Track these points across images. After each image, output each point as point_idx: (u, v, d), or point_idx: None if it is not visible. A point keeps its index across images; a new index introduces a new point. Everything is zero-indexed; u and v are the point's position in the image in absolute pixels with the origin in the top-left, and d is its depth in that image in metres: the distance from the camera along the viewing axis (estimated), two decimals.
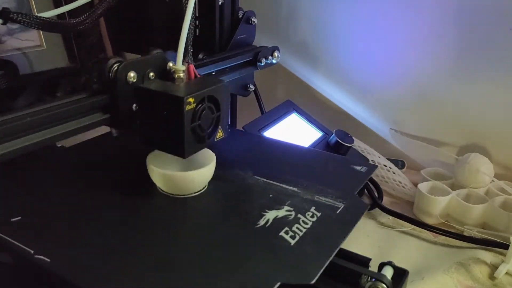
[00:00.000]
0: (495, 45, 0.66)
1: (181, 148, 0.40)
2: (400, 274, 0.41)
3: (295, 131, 0.68)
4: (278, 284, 0.32)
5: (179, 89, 0.40)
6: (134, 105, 0.42)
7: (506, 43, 0.65)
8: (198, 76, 0.43)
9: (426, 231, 0.61)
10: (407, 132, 0.78)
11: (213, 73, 0.55)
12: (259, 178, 0.47)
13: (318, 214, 0.41)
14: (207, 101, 0.41)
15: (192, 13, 0.41)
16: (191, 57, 0.44)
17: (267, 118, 0.67)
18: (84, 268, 0.34)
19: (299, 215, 0.41)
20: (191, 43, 0.43)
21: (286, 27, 0.83)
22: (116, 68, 0.40)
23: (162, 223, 0.40)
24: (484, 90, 0.69)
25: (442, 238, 0.59)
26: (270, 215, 0.41)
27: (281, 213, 0.41)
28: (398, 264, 0.41)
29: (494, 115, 0.70)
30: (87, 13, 0.44)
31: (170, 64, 0.43)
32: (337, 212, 0.42)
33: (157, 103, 0.40)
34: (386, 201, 0.68)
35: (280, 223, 0.40)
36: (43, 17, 0.41)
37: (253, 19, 0.63)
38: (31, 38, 0.55)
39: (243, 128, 0.63)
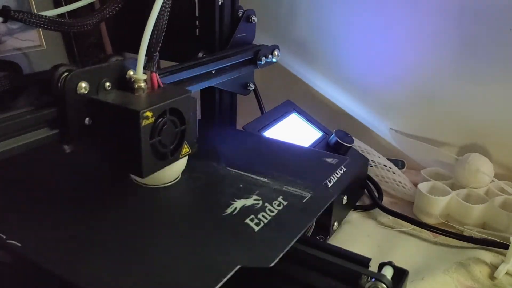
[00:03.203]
0: (495, 45, 0.66)
1: (139, 167, 0.36)
2: (400, 274, 0.41)
3: (295, 131, 0.68)
4: (238, 267, 0.33)
5: (137, 102, 0.37)
6: (87, 118, 0.38)
7: (506, 43, 0.65)
8: (161, 85, 0.40)
9: (426, 231, 0.61)
10: (407, 132, 0.78)
11: (213, 72, 0.55)
12: (232, 169, 0.49)
13: (285, 203, 0.42)
14: (169, 114, 0.37)
15: (161, 14, 0.38)
16: (155, 64, 0.39)
17: (267, 118, 0.67)
18: (54, 252, 0.35)
19: (266, 204, 0.42)
20: (158, 48, 0.39)
21: (286, 26, 0.83)
22: (64, 78, 0.35)
23: (133, 212, 0.41)
24: (484, 90, 0.69)
25: (442, 238, 0.59)
26: (238, 203, 0.42)
27: (249, 202, 0.42)
28: (398, 264, 0.41)
29: (494, 115, 0.70)
30: (91, 14, 0.44)
31: (131, 72, 0.39)
32: (303, 201, 0.43)
33: (112, 117, 0.37)
34: (386, 201, 0.68)
35: (247, 211, 0.41)
36: (44, 16, 0.41)
37: (253, 17, 0.64)
38: (31, 38, 0.55)
39: (243, 128, 0.63)
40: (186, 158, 0.45)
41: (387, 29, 0.74)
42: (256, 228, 0.38)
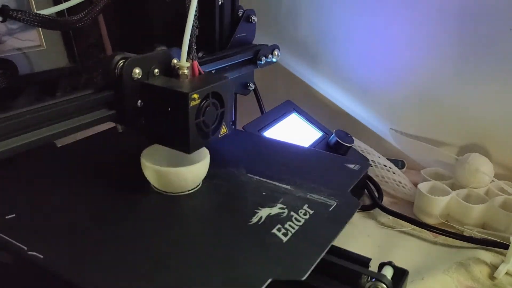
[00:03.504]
0: (495, 45, 0.66)
1: (186, 144, 0.41)
2: (400, 274, 0.41)
3: (295, 131, 0.68)
4: (270, 280, 0.32)
5: (183, 85, 0.41)
6: (139, 101, 0.42)
7: (507, 43, 0.65)
8: (202, 72, 0.44)
9: (426, 231, 0.61)
10: (407, 132, 0.78)
11: (213, 72, 0.55)
12: (253, 176, 0.48)
13: (311, 212, 0.42)
14: (212, 97, 0.41)
15: (196, 11, 0.42)
16: (195, 54, 0.44)
17: (267, 118, 0.67)
18: (78, 264, 0.34)
19: (292, 213, 0.41)
20: (195, 40, 0.44)
21: (286, 26, 0.83)
22: (122, 64, 0.40)
23: (155, 221, 0.40)
24: (484, 90, 0.69)
25: (442, 238, 0.59)
26: (263, 212, 0.41)
27: (274, 210, 0.41)
28: (398, 264, 0.41)
29: (494, 115, 0.70)
30: (87, 10, 0.44)
31: (175, 61, 0.43)
32: (330, 209, 0.42)
33: (162, 99, 0.40)
34: (386, 201, 0.68)
35: (272, 220, 0.40)
36: (43, 15, 0.41)
37: (253, 17, 0.64)
38: (31, 38, 0.55)
39: (243, 128, 0.63)
40: (208, 165, 0.45)
41: (387, 29, 0.74)
42: (284, 239, 0.37)
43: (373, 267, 0.42)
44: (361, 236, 0.60)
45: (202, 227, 0.40)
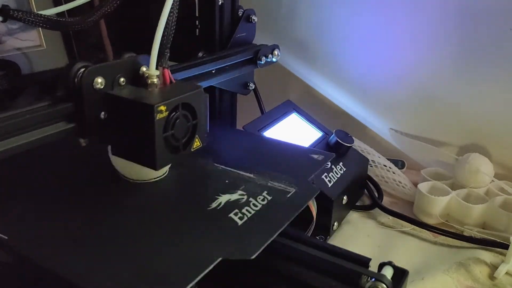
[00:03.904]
0: (496, 45, 0.66)
1: (153, 159, 0.38)
2: (400, 274, 0.41)
3: (295, 131, 0.68)
4: (219, 259, 0.34)
5: (150, 96, 0.38)
6: (103, 113, 0.39)
7: (506, 43, 0.65)
8: (173, 81, 0.41)
9: (426, 231, 0.61)
10: (407, 132, 0.78)
11: (213, 71, 0.55)
12: (218, 165, 0.49)
13: (269, 198, 0.43)
14: (182, 109, 0.39)
15: (171, 13, 0.39)
16: (167, 61, 0.41)
17: (267, 118, 0.67)
18: (41, 245, 0.36)
19: (251, 199, 0.42)
20: (168, 45, 0.40)
21: (286, 26, 0.83)
22: (81, 73, 0.37)
23: (120, 206, 0.42)
24: (484, 90, 0.69)
25: (442, 238, 0.59)
26: (223, 198, 0.42)
27: (234, 197, 0.43)
28: (398, 264, 0.41)
29: (494, 115, 0.70)
30: (90, 12, 0.44)
31: (143, 68, 0.40)
32: (288, 196, 0.44)
33: (127, 111, 0.38)
34: (386, 201, 0.68)
35: (231, 205, 0.41)
36: (44, 15, 0.41)
37: (253, 17, 0.64)
38: (31, 38, 0.55)
39: (243, 128, 0.63)
40: None
41: (387, 29, 0.74)
42: (240, 222, 0.39)
43: (373, 267, 0.42)
44: (361, 236, 0.60)
45: (163, 212, 0.42)
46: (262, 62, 0.62)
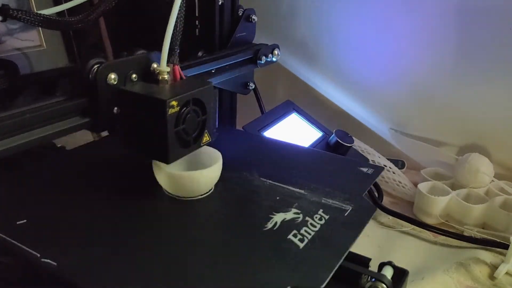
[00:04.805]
0: (495, 45, 0.66)
1: (164, 153, 0.38)
2: (400, 274, 0.41)
3: (295, 131, 0.68)
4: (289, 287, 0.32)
5: (162, 92, 0.39)
6: (116, 108, 0.40)
7: (506, 43, 0.65)
8: (184, 77, 0.42)
9: (426, 231, 0.61)
10: (407, 132, 0.78)
11: (213, 71, 0.55)
12: (265, 180, 0.46)
13: (326, 217, 0.40)
14: (192, 104, 0.39)
15: (180, 12, 0.40)
16: (177, 57, 0.42)
17: (267, 118, 0.67)
18: (90, 271, 0.33)
19: (307, 218, 0.40)
20: (178, 43, 0.41)
21: (286, 26, 0.83)
22: (96, 69, 0.38)
23: (168, 226, 0.39)
24: (484, 90, 0.69)
25: (442, 238, 0.59)
26: (278, 217, 0.40)
27: (289, 215, 0.40)
28: (398, 264, 0.41)
29: (494, 115, 0.70)
30: (88, 11, 0.44)
31: (154, 65, 0.41)
32: (345, 214, 0.41)
33: (139, 106, 0.38)
34: (386, 201, 0.68)
35: (288, 226, 0.39)
36: (43, 14, 0.41)
37: (253, 17, 0.63)
38: (31, 38, 0.55)
39: (243, 128, 0.63)
40: (221, 168, 0.44)
41: (387, 29, 0.74)
42: (301, 245, 0.36)
43: (373, 267, 0.42)
44: (361, 236, 0.59)
45: (216, 232, 0.39)
46: (262, 62, 0.62)
